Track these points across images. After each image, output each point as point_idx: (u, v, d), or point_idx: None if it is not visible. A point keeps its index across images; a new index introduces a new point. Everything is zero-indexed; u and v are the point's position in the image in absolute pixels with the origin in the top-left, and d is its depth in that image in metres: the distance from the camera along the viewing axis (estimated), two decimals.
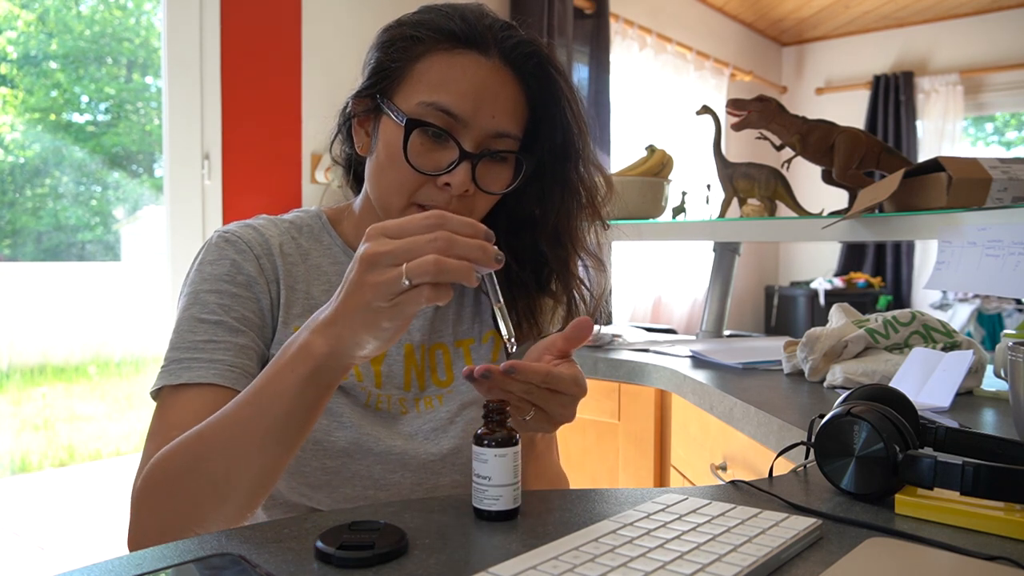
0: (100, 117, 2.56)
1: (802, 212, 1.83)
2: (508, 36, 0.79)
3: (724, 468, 1.28)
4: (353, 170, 0.94)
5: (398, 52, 0.79)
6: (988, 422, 1.05)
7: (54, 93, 2.42)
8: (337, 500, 0.80)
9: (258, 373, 0.75)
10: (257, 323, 0.80)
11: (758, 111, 1.73)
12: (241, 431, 0.63)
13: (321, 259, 0.87)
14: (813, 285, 4.91)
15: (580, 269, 0.90)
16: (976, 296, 4.26)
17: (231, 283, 0.80)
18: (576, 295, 0.90)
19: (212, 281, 0.79)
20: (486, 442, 0.62)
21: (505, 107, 0.79)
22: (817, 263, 5.57)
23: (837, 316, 1.42)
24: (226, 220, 2.27)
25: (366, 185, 0.85)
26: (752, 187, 1.88)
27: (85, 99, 2.53)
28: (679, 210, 2.08)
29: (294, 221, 0.89)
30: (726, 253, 2.12)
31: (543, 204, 0.86)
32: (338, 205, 0.93)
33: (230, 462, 0.63)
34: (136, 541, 0.67)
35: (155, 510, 0.67)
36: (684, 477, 1.51)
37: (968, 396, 1.22)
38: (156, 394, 0.76)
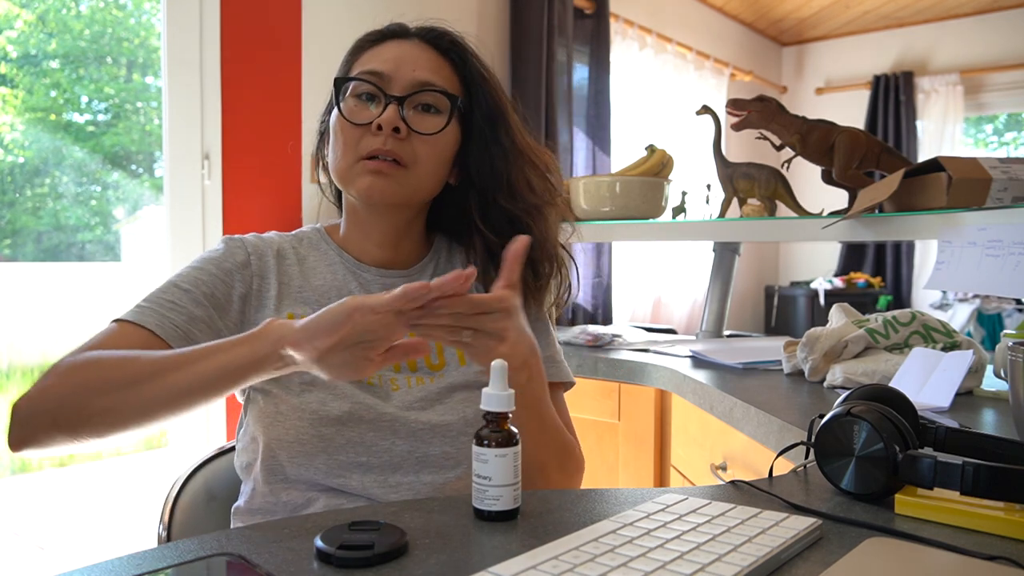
0: (100, 117, 2.56)
1: (802, 212, 1.83)
2: (425, 26, 0.95)
3: (724, 468, 1.28)
4: (336, 190, 1.04)
5: (344, 65, 0.96)
6: (988, 422, 1.05)
7: (54, 93, 2.42)
8: (332, 467, 0.85)
9: (195, 335, 0.87)
10: (222, 303, 0.89)
11: (758, 111, 1.72)
12: (163, 367, 0.73)
13: (317, 262, 0.97)
14: (813, 285, 4.91)
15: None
16: (976, 296, 4.26)
17: (215, 265, 0.90)
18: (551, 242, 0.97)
19: (201, 261, 0.91)
20: (486, 442, 0.62)
21: (427, 65, 0.91)
22: (817, 263, 5.56)
23: (837, 316, 1.42)
24: (226, 220, 2.27)
25: (332, 178, 0.95)
26: (752, 187, 1.88)
27: (85, 99, 2.53)
28: (679, 210, 2.08)
29: (297, 234, 1.00)
30: (726, 253, 2.12)
31: (494, 168, 0.94)
32: (335, 222, 1.03)
33: (138, 384, 0.73)
34: (26, 405, 0.74)
35: (65, 380, 0.75)
36: (684, 477, 1.51)
37: (968, 396, 1.22)
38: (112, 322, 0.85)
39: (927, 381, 1.15)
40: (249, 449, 0.91)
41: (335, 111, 0.91)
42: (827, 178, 1.74)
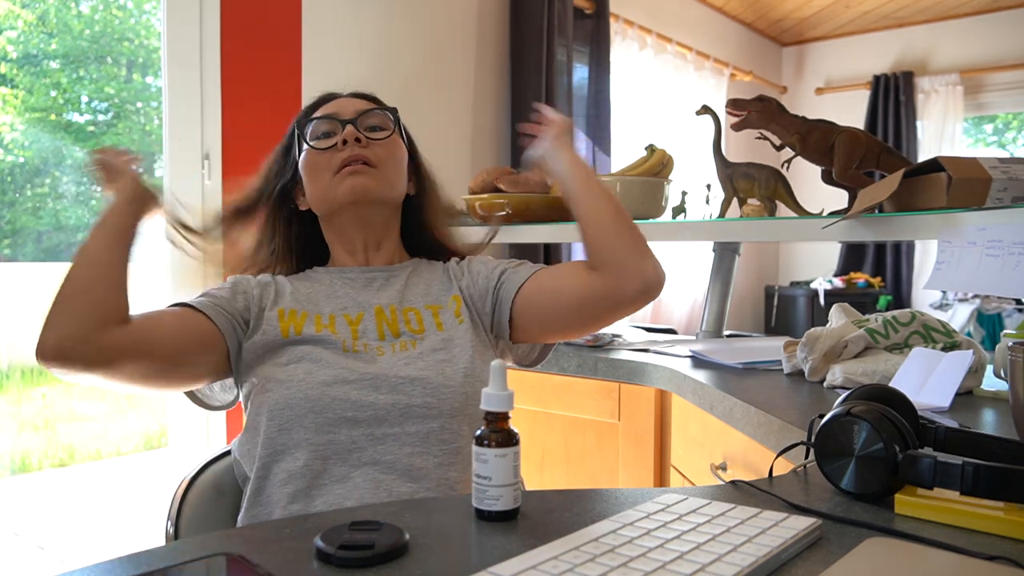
0: (100, 117, 2.56)
1: (802, 212, 1.83)
2: (355, 90, 1.15)
3: (724, 468, 1.28)
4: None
5: (297, 128, 1.13)
6: (988, 422, 1.05)
7: (54, 93, 2.42)
8: (321, 424, 0.92)
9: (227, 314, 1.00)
10: (239, 307, 1.02)
11: (758, 111, 1.72)
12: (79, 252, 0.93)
13: (310, 281, 1.09)
14: (813, 285, 4.91)
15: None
16: (976, 296, 4.26)
17: (228, 284, 1.06)
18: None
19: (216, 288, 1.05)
20: (486, 442, 0.62)
21: (364, 105, 1.10)
22: (817, 263, 5.56)
23: (837, 316, 1.42)
24: None
25: (314, 209, 1.10)
26: (752, 187, 1.88)
27: (85, 99, 2.53)
28: (679, 210, 2.08)
29: (296, 275, 1.12)
30: (726, 253, 2.11)
31: (420, 184, 1.17)
32: None
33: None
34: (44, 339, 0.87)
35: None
36: (684, 477, 1.51)
37: (968, 396, 1.22)
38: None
39: (927, 381, 1.15)
40: (245, 439, 0.97)
41: (303, 155, 1.08)
42: (827, 178, 1.74)
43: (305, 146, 1.08)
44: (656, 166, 2.00)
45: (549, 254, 2.98)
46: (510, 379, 0.66)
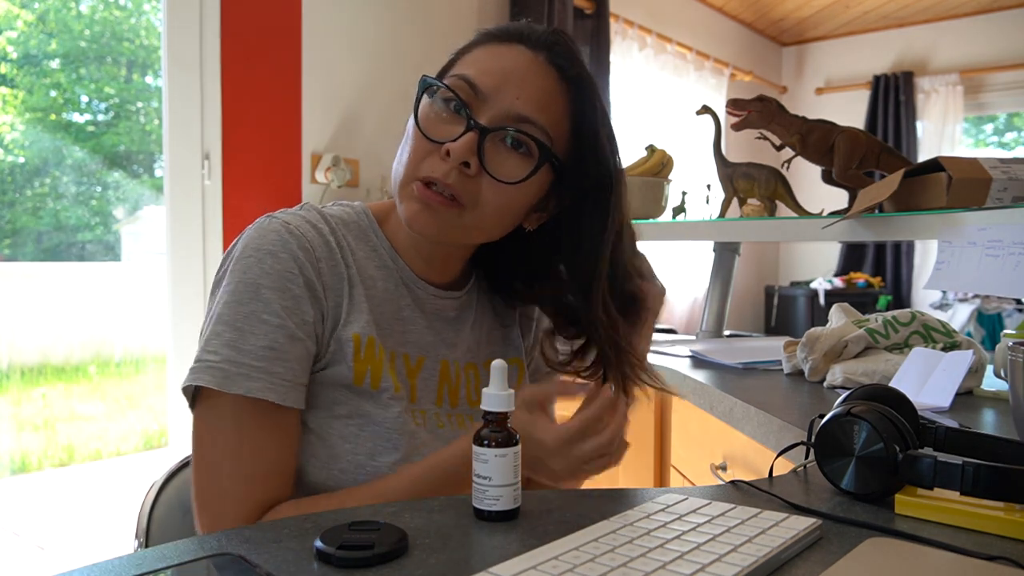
0: (100, 117, 2.57)
1: (802, 212, 1.83)
2: (564, 49, 0.78)
3: (724, 468, 1.28)
4: None
5: (457, 53, 0.81)
6: (988, 422, 1.05)
7: (54, 93, 2.43)
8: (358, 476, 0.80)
9: (305, 380, 0.75)
10: (313, 330, 0.76)
11: (758, 111, 1.72)
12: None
13: (367, 262, 0.81)
14: (813, 285, 4.91)
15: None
16: (976, 296, 4.26)
17: (294, 283, 0.74)
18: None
19: (275, 276, 0.73)
20: (486, 442, 0.62)
21: (534, 95, 0.75)
22: (817, 263, 5.57)
23: (837, 316, 1.42)
24: (226, 220, 2.27)
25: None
26: (752, 187, 1.88)
27: (85, 99, 2.53)
28: (679, 210, 2.08)
29: (342, 217, 0.82)
30: (726, 253, 2.12)
31: (576, 253, 0.83)
32: (382, 202, 0.88)
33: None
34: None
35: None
36: (684, 477, 1.51)
37: (968, 396, 1.22)
38: (197, 390, 0.73)
39: (927, 381, 1.15)
40: None
41: (412, 117, 0.78)
42: (827, 178, 1.74)
43: (417, 105, 0.78)
44: (656, 166, 2.00)
45: None
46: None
